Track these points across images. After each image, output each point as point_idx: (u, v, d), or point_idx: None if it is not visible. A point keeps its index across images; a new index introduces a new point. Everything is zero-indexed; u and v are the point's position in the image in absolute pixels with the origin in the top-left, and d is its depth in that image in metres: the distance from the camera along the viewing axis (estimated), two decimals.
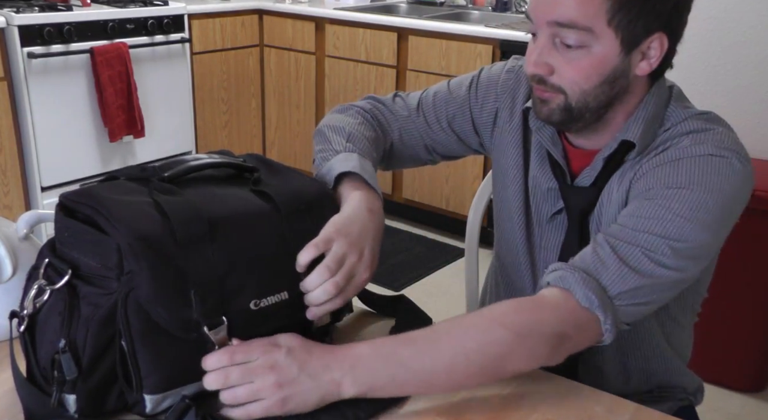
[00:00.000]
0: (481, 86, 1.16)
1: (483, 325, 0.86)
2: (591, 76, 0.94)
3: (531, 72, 0.97)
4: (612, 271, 0.90)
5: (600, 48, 0.92)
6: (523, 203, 1.12)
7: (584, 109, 0.96)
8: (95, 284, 0.78)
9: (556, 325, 0.87)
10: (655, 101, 1.00)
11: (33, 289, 0.80)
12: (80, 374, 0.76)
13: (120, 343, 0.77)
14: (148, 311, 0.76)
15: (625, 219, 0.95)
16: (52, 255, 0.82)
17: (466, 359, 0.84)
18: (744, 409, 2.27)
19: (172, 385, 0.79)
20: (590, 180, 1.03)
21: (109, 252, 0.76)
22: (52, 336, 0.78)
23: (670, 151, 0.97)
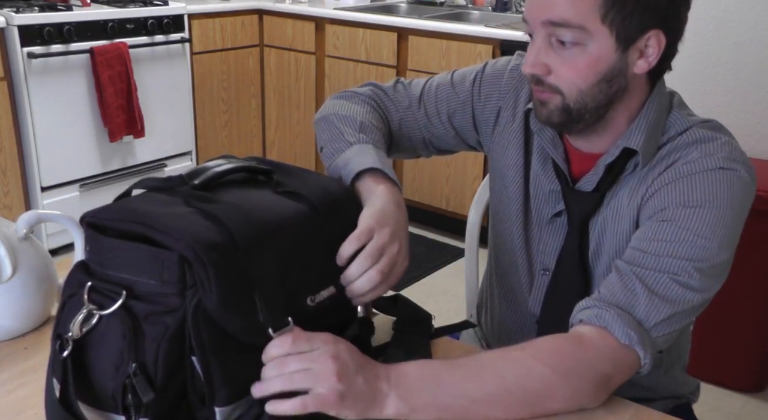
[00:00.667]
0: (485, 83, 1.15)
1: (524, 360, 0.85)
2: (587, 74, 0.93)
3: (529, 72, 0.96)
4: (644, 303, 0.90)
5: (595, 46, 0.91)
6: (522, 204, 1.12)
7: (583, 110, 0.95)
8: (155, 302, 0.75)
9: (597, 365, 0.86)
10: (656, 107, 0.99)
11: (81, 313, 0.76)
12: (155, 395, 0.74)
13: (190, 359, 0.75)
14: (218, 321, 0.74)
15: (645, 244, 0.93)
16: (92, 279, 0.78)
17: (507, 393, 0.83)
18: (744, 409, 2.26)
19: (241, 395, 0.77)
20: (592, 185, 1.03)
21: (171, 266, 0.73)
22: (116, 360, 0.75)
23: (679, 165, 0.96)
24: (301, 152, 3.75)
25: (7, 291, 0.96)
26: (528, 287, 1.13)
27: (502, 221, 1.16)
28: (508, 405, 0.83)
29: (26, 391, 0.87)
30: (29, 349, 0.96)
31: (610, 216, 1.02)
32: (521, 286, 1.14)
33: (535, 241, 1.11)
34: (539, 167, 1.09)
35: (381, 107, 1.16)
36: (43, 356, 0.93)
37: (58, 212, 1.01)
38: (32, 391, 0.87)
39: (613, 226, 1.02)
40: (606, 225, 1.03)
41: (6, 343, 0.97)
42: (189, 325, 0.73)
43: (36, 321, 1.00)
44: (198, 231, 0.75)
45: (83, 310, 0.76)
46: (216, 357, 0.75)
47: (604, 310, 0.89)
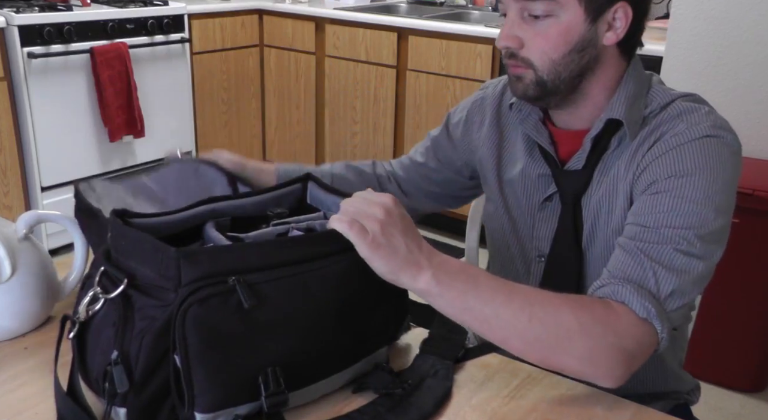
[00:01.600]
0: (452, 119, 1.25)
1: (554, 301, 0.86)
2: (558, 44, 0.97)
3: (502, 45, 1.00)
4: (652, 276, 0.90)
5: (565, 17, 0.96)
6: (505, 198, 1.16)
7: (557, 80, 0.99)
8: (151, 295, 0.76)
9: (622, 337, 0.86)
10: (634, 80, 1.03)
11: (87, 296, 0.79)
12: (132, 387, 0.75)
13: (173, 357, 0.75)
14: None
15: (642, 218, 0.95)
16: (107, 263, 0.81)
17: (527, 322, 0.84)
18: (744, 409, 2.26)
19: (226, 405, 0.77)
20: (581, 163, 1.05)
21: (168, 260, 0.74)
22: (105, 347, 0.77)
23: (667, 137, 0.98)
24: (301, 152, 3.75)
25: (6, 291, 0.96)
26: (525, 277, 1.15)
27: (492, 220, 1.19)
28: (525, 335, 0.84)
29: (26, 391, 0.87)
30: (29, 349, 0.96)
31: (605, 194, 1.04)
32: (518, 277, 1.16)
33: (528, 229, 1.13)
34: (526, 156, 1.12)
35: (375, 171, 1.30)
36: (44, 356, 0.94)
37: (58, 212, 1.01)
38: (32, 391, 0.87)
39: (608, 203, 1.04)
40: (601, 204, 1.04)
41: (6, 343, 0.98)
42: (175, 322, 0.74)
43: (36, 321, 1.00)
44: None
45: (90, 292, 0.79)
46: (200, 361, 0.74)
47: (619, 285, 0.90)
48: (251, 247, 0.80)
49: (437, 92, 3.15)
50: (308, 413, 0.85)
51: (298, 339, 0.81)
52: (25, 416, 0.83)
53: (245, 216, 0.93)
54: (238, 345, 0.76)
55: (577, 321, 0.84)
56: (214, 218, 0.91)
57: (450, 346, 0.97)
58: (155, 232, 0.84)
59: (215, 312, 0.75)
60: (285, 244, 0.82)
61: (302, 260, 0.81)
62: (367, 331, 0.88)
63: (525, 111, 1.10)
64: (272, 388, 0.78)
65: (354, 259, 0.84)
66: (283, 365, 0.79)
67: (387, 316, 0.91)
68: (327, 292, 0.82)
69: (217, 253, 0.78)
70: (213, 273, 0.76)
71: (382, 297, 0.89)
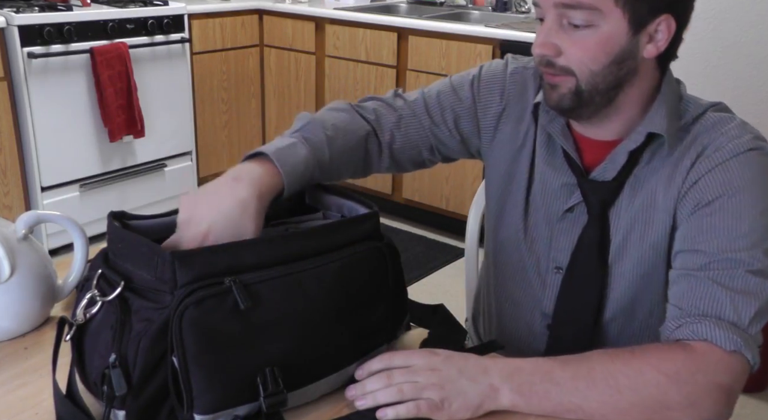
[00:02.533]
0: (483, 88, 1.13)
1: (634, 363, 0.84)
2: (598, 55, 0.93)
3: (538, 53, 0.96)
4: (730, 304, 0.88)
5: (607, 27, 0.92)
6: (524, 207, 1.10)
7: (594, 92, 0.95)
8: (148, 298, 0.76)
9: (712, 374, 0.84)
10: (671, 91, 1.00)
11: (85, 298, 0.79)
12: (130, 390, 0.75)
13: (171, 360, 0.75)
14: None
15: (703, 244, 0.92)
16: (105, 266, 0.81)
17: (618, 394, 0.83)
18: (744, 409, 2.26)
19: (225, 406, 0.77)
20: (612, 174, 1.01)
21: (164, 264, 0.75)
22: (103, 350, 0.77)
23: (710, 153, 0.96)
24: None
25: (5, 291, 0.96)
26: (540, 288, 1.10)
27: (505, 225, 1.14)
28: (620, 407, 0.83)
29: (26, 391, 0.87)
30: (29, 349, 0.96)
31: (641, 208, 1.00)
32: (531, 288, 1.11)
33: (544, 239, 1.09)
34: (545, 163, 1.08)
35: (369, 116, 1.11)
36: (44, 356, 0.94)
37: (58, 213, 1.01)
38: (32, 391, 0.87)
39: (644, 217, 1.00)
40: (636, 218, 1.01)
41: (6, 343, 0.97)
42: (172, 325, 0.73)
43: (35, 321, 1.00)
44: None
45: (87, 295, 0.79)
46: (198, 362, 0.74)
47: (698, 324, 0.87)
48: (245, 246, 0.80)
49: None
50: (308, 413, 0.85)
51: (296, 338, 0.81)
52: (25, 416, 0.83)
53: None
54: (236, 345, 0.76)
55: (663, 374, 0.83)
56: None
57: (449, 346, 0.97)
58: (153, 233, 0.84)
59: (212, 313, 0.75)
60: (277, 241, 0.82)
61: (296, 258, 0.81)
62: (365, 330, 0.88)
63: (552, 113, 1.05)
64: (271, 389, 0.78)
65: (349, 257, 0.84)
66: (281, 365, 0.79)
67: (385, 314, 0.91)
68: (323, 290, 0.82)
69: (211, 253, 0.78)
70: (208, 274, 0.76)
71: (380, 296, 0.89)
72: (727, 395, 0.84)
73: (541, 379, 0.84)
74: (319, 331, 0.83)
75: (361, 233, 0.88)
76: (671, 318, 0.91)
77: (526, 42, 2.81)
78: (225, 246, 0.80)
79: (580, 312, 0.97)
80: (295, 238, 0.83)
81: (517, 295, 1.14)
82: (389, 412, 0.81)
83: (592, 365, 0.85)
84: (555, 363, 0.85)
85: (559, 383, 0.83)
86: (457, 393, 0.82)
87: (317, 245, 0.84)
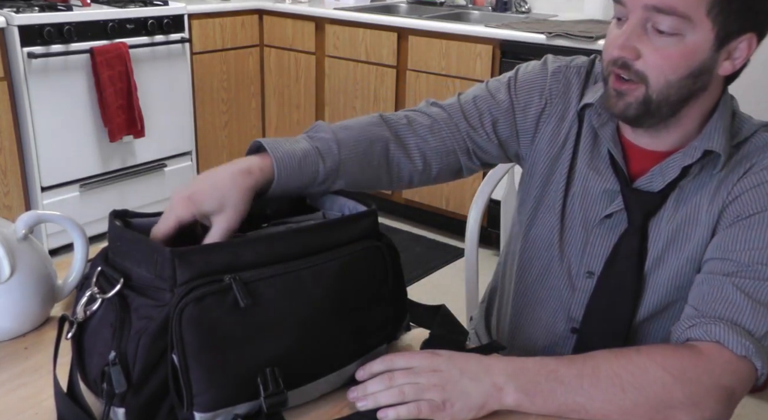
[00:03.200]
0: (521, 90, 1.10)
1: (639, 361, 0.84)
2: (679, 66, 0.90)
3: (616, 55, 0.92)
4: (749, 313, 0.87)
5: (693, 38, 0.89)
6: (562, 207, 1.08)
7: (663, 103, 0.93)
8: (147, 295, 0.77)
9: (718, 376, 0.84)
10: (727, 108, 0.99)
11: (85, 296, 0.79)
12: (130, 388, 0.75)
13: (171, 357, 0.75)
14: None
15: (735, 253, 0.91)
16: (104, 264, 0.81)
17: (622, 393, 0.82)
18: (744, 408, 2.26)
19: (225, 404, 0.77)
20: (659, 186, 1.00)
21: (164, 261, 0.75)
22: (103, 347, 0.77)
23: (757, 170, 0.95)
24: None
25: (5, 292, 0.96)
26: (569, 292, 1.09)
27: (539, 224, 1.11)
28: (623, 406, 0.82)
29: (26, 391, 0.87)
30: (29, 349, 0.96)
31: (683, 222, 0.99)
32: (558, 291, 1.10)
33: (578, 244, 1.07)
34: (586, 167, 1.06)
35: (400, 121, 1.07)
36: (44, 356, 0.94)
37: (58, 213, 1.01)
38: (32, 391, 0.87)
39: (685, 232, 0.99)
40: (678, 231, 1.00)
41: (6, 343, 0.97)
42: (172, 322, 0.74)
43: (35, 321, 1.00)
44: None
45: (87, 292, 0.79)
46: (198, 360, 0.74)
47: (712, 324, 0.86)
48: (244, 244, 0.80)
49: (437, 92, 3.15)
50: (308, 413, 0.85)
51: (295, 336, 0.81)
52: (25, 416, 0.83)
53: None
54: (235, 343, 0.76)
55: (668, 373, 0.83)
56: None
57: (450, 347, 0.97)
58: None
59: (211, 311, 0.75)
60: (277, 238, 0.82)
61: (295, 256, 0.81)
62: (365, 329, 0.88)
63: (604, 116, 1.02)
64: (271, 389, 0.78)
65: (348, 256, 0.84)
66: (281, 363, 0.79)
67: (385, 313, 0.91)
68: (322, 288, 0.82)
69: (210, 251, 0.78)
70: (208, 272, 0.76)
71: (380, 295, 0.89)
72: (729, 398, 0.84)
73: (546, 378, 0.83)
74: (318, 330, 0.83)
75: (359, 231, 0.88)
76: (686, 317, 0.90)
77: (526, 42, 2.81)
78: (224, 244, 0.81)
79: (612, 319, 0.96)
80: (294, 236, 0.83)
81: (542, 295, 1.12)
82: (390, 413, 0.81)
83: (597, 363, 0.84)
84: (560, 362, 0.85)
85: (563, 382, 0.83)
86: (460, 393, 0.82)
87: (316, 243, 0.84)
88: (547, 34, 2.74)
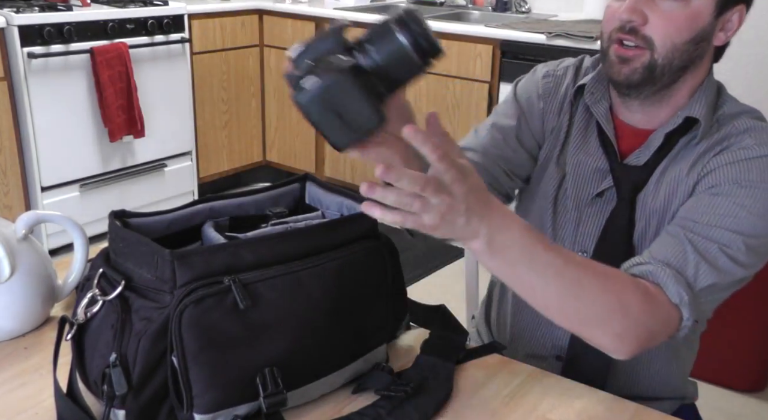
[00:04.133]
0: (522, 98, 1.15)
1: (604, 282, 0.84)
2: (684, 29, 0.95)
3: (625, 18, 0.96)
4: (693, 266, 0.91)
5: (697, 2, 0.94)
6: (557, 189, 1.11)
7: (667, 68, 0.97)
8: (148, 297, 0.77)
9: (652, 320, 0.87)
10: (713, 84, 1.03)
11: (86, 298, 0.79)
12: (130, 390, 0.75)
13: (171, 359, 0.75)
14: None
15: (698, 214, 0.95)
16: (105, 265, 0.81)
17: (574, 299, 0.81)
18: (744, 409, 2.26)
19: (225, 405, 0.77)
20: (644, 158, 1.04)
21: (164, 263, 0.75)
22: (104, 349, 0.77)
23: (734, 149, 0.98)
24: (301, 152, 3.75)
25: (5, 292, 0.96)
26: None
27: (531, 215, 1.14)
28: (565, 309, 0.82)
29: (26, 391, 0.87)
30: (29, 349, 0.96)
31: (664, 196, 1.03)
32: None
33: (570, 225, 1.10)
34: (578, 147, 1.09)
35: None
36: (44, 356, 0.94)
37: (58, 213, 1.01)
38: (32, 391, 0.87)
39: (665, 205, 1.03)
40: (659, 205, 1.03)
41: (6, 343, 0.98)
42: (171, 324, 0.73)
43: (35, 321, 1.00)
44: None
45: (88, 294, 0.79)
46: (198, 362, 0.75)
47: (658, 268, 0.90)
48: (244, 245, 0.80)
49: (437, 92, 3.15)
50: (308, 413, 0.85)
51: (295, 337, 0.81)
52: (25, 416, 0.83)
53: (244, 216, 0.93)
54: (235, 344, 0.77)
55: (620, 303, 0.84)
56: (212, 217, 0.91)
57: (451, 347, 0.97)
58: (155, 231, 0.84)
59: (211, 312, 0.75)
60: (276, 239, 0.82)
61: (295, 256, 0.82)
62: (365, 329, 0.88)
63: (597, 95, 1.07)
64: (271, 389, 0.78)
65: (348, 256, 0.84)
66: (281, 364, 0.79)
67: (385, 313, 0.91)
68: (322, 289, 0.82)
69: (210, 253, 0.78)
70: (207, 273, 0.76)
71: (379, 294, 0.89)
72: (647, 340, 0.86)
73: (521, 247, 0.78)
74: (318, 330, 0.83)
75: (359, 231, 0.88)
76: (638, 256, 0.93)
77: (526, 42, 2.81)
78: (224, 245, 0.81)
79: None
80: (294, 237, 0.83)
81: None
82: (377, 211, 0.70)
83: (568, 262, 0.82)
84: (541, 243, 0.80)
85: (532, 259, 0.79)
86: (448, 223, 0.73)
87: (316, 244, 0.84)
88: (547, 34, 2.75)
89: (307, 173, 1.02)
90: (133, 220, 0.84)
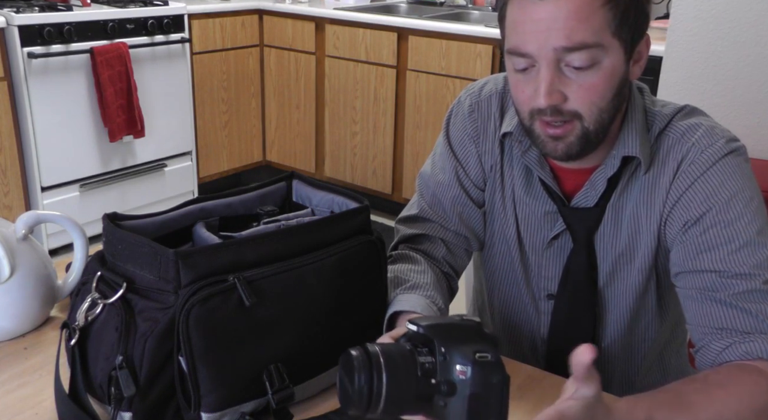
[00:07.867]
0: (458, 147, 1.09)
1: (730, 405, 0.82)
2: (605, 91, 0.90)
3: (547, 103, 0.89)
4: (755, 313, 0.88)
5: (608, 61, 0.88)
6: (516, 234, 1.07)
7: (600, 129, 0.91)
8: (151, 298, 0.77)
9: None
10: (637, 108, 0.97)
11: (86, 301, 0.79)
12: (138, 391, 0.75)
13: (178, 359, 0.75)
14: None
15: (711, 263, 0.91)
16: (103, 268, 0.81)
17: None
18: None
19: (232, 403, 0.77)
20: (593, 200, 0.99)
21: (167, 263, 0.75)
22: (108, 351, 0.76)
23: (686, 167, 0.95)
24: (301, 152, 3.75)
25: (5, 292, 0.96)
26: (536, 315, 1.10)
27: (497, 255, 1.11)
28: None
29: (26, 391, 0.87)
30: (29, 349, 0.96)
31: (626, 232, 0.99)
32: (527, 315, 1.11)
33: (533, 267, 1.08)
34: (524, 193, 1.05)
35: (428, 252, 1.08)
36: (43, 356, 0.94)
37: (58, 213, 1.01)
38: (32, 391, 0.87)
39: (630, 242, 1.00)
40: (622, 242, 1.00)
41: (6, 343, 0.98)
42: (178, 324, 0.73)
43: (35, 321, 1.00)
44: None
45: (88, 298, 0.79)
46: (206, 361, 0.75)
47: (746, 343, 0.87)
48: (246, 242, 0.80)
49: (437, 92, 3.15)
50: (314, 407, 0.86)
51: (299, 332, 0.81)
52: (25, 416, 0.83)
53: (234, 215, 0.93)
54: (242, 342, 0.77)
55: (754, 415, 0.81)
56: (203, 218, 0.91)
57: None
58: (148, 233, 0.84)
59: (217, 311, 0.75)
60: (277, 236, 0.82)
61: (295, 253, 0.82)
62: (365, 321, 0.89)
63: (525, 143, 1.00)
64: (278, 384, 0.78)
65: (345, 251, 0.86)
66: (286, 359, 0.80)
67: (383, 305, 0.93)
68: (323, 283, 0.83)
69: (213, 251, 0.78)
70: (212, 272, 0.76)
71: (377, 287, 0.91)
72: None
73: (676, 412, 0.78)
74: (321, 324, 0.84)
75: (354, 227, 0.89)
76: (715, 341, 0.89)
77: None
78: (227, 244, 0.81)
79: (574, 338, 0.95)
80: (294, 234, 0.84)
81: (515, 320, 1.14)
82: None
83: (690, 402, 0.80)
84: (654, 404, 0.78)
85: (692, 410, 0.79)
86: None
87: (315, 240, 0.85)
88: None
89: (293, 171, 1.03)
90: (126, 223, 0.84)
